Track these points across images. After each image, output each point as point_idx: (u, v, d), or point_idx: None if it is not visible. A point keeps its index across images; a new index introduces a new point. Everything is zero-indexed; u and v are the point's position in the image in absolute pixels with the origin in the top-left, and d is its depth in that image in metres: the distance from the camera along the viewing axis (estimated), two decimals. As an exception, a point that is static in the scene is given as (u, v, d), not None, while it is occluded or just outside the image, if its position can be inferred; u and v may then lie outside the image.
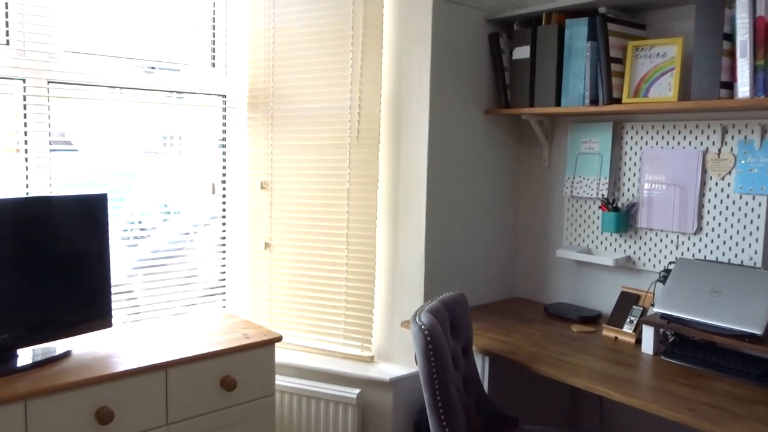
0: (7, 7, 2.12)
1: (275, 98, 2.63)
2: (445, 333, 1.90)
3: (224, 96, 2.70)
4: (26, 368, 1.76)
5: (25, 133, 2.17)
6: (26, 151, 2.17)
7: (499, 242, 2.77)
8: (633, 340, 2.16)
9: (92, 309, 1.96)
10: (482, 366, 2.23)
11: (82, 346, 1.98)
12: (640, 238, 2.38)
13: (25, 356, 1.83)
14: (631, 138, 2.38)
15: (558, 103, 2.35)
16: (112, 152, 2.40)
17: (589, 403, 2.61)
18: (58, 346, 1.94)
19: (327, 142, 2.54)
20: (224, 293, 2.75)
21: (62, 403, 1.67)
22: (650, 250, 2.35)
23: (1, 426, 1.58)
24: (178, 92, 2.57)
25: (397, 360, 2.54)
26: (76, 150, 2.32)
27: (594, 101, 2.25)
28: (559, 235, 2.67)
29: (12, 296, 1.78)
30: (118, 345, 1.99)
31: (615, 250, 2.47)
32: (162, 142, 2.61)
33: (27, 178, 2.19)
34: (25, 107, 2.17)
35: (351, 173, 2.51)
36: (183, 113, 2.63)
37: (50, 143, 2.22)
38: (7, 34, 2.13)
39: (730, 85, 1.91)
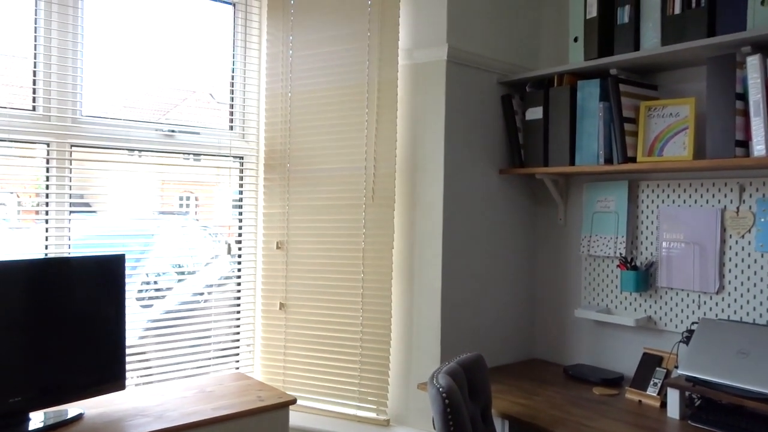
0: (34, 75, 2.20)
1: (291, 159, 2.68)
2: (463, 396, 1.85)
3: (241, 158, 2.75)
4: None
5: (47, 195, 2.21)
6: (47, 213, 2.21)
7: (516, 302, 2.73)
8: (658, 404, 2.09)
9: (106, 371, 1.94)
10: (502, 430, 2.16)
11: (94, 408, 1.95)
12: (661, 297, 2.34)
13: (36, 419, 1.80)
14: (647, 196, 2.38)
15: (572, 163, 2.37)
16: (130, 213, 2.43)
17: (614, 470, 2.50)
18: (71, 408, 1.91)
19: (342, 202, 2.56)
20: (238, 354, 2.72)
21: (72, 469, 1.64)
22: (671, 309, 2.31)
23: (9, 493, 1.54)
24: (196, 154, 2.62)
25: (414, 423, 2.46)
26: (94, 212, 2.36)
27: (608, 160, 2.26)
28: (577, 295, 2.64)
29: (26, 358, 1.77)
30: (131, 408, 1.96)
31: (635, 309, 2.43)
32: (179, 203, 2.65)
33: (47, 239, 2.21)
34: (48, 170, 2.22)
35: (366, 233, 2.52)
36: (200, 175, 2.68)
37: (70, 205, 2.25)
38: (34, 101, 2.21)
39: (745, 144, 1.91)
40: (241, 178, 2.75)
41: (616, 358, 2.49)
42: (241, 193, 2.75)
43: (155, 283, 2.57)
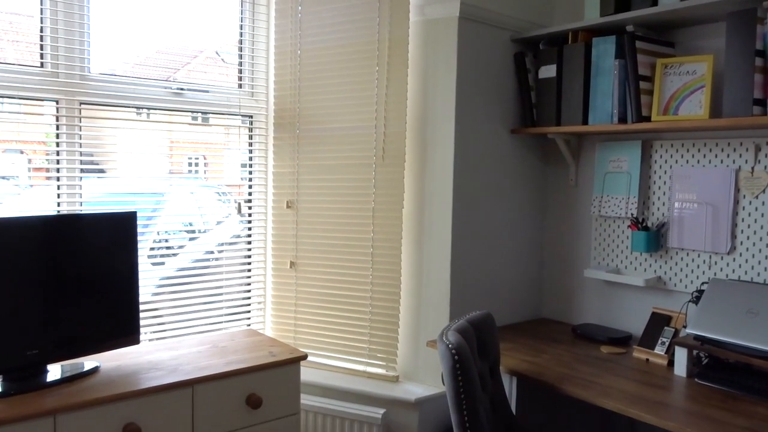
0: (41, 31, 2.18)
1: (301, 118, 2.66)
2: (472, 352, 1.88)
3: (250, 116, 2.73)
4: (56, 383, 1.77)
5: (57, 153, 2.22)
6: (58, 170, 2.22)
7: (525, 262, 2.74)
8: (665, 362, 2.11)
9: (120, 326, 1.97)
10: (510, 387, 2.19)
11: (110, 362, 1.99)
12: (671, 258, 2.34)
13: (54, 371, 1.84)
14: (661, 156, 2.36)
15: (585, 122, 2.34)
16: (140, 174, 2.43)
17: (619, 425, 2.54)
18: (86, 361, 1.95)
19: (352, 161, 2.55)
20: (249, 312, 2.76)
21: (90, 418, 1.68)
22: (681, 270, 2.31)
23: (30, 441, 1.59)
24: (205, 113, 2.61)
25: (422, 380, 2.50)
26: (104, 172, 2.36)
27: (622, 119, 2.23)
28: (587, 255, 2.64)
29: (41, 312, 1.80)
30: (145, 362, 2.00)
31: (645, 270, 2.43)
32: (188, 162, 2.65)
33: (58, 196, 2.22)
34: (58, 128, 2.22)
35: (376, 192, 2.51)
36: (209, 134, 2.67)
37: (81, 163, 2.26)
38: (41, 57, 2.19)
39: (763, 102, 1.88)
40: (251, 137, 2.74)
41: (624, 317, 2.50)
42: (250, 152, 2.74)
43: (166, 242, 2.59)
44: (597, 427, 2.58)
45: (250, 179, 2.75)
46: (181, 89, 2.50)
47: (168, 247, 2.58)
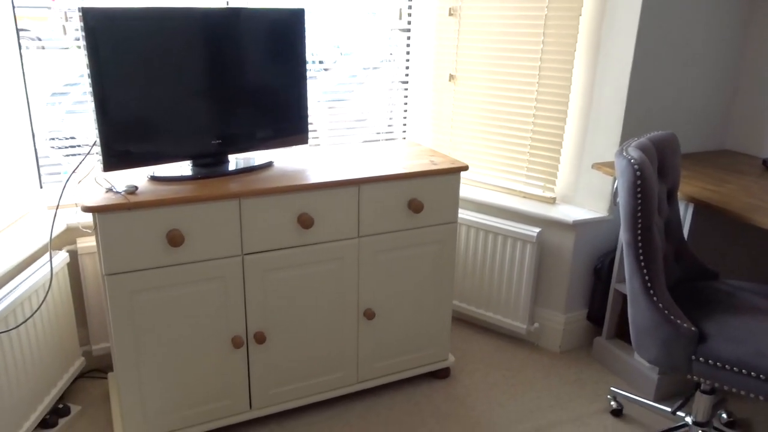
0: None
1: None
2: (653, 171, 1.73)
3: None
4: (236, 172, 1.89)
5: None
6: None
7: (715, 84, 2.42)
8: None
9: (291, 124, 2.02)
10: (684, 214, 2.04)
11: (281, 159, 2.08)
12: None
13: (233, 163, 1.96)
14: None
15: None
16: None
17: (798, 270, 2.34)
18: (258, 157, 2.06)
19: (526, -39, 2.29)
20: (405, 125, 2.74)
21: (270, 205, 1.79)
22: None
23: (222, 217, 1.74)
24: None
25: (580, 204, 2.41)
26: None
27: None
28: (796, 79, 2.27)
29: (221, 106, 1.87)
30: (314, 161, 2.07)
31: None
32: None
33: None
34: None
35: (551, -3, 2.26)
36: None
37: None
38: None
39: None
40: (414, -65, 2.53)
41: (830, 152, 2.19)
42: (413, -47, 2.54)
43: (321, 62, 2.54)
44: (771, 268, 2.40)
45: (411, -16, 2.58)
46: None
47: (320, 62, 2.53)
